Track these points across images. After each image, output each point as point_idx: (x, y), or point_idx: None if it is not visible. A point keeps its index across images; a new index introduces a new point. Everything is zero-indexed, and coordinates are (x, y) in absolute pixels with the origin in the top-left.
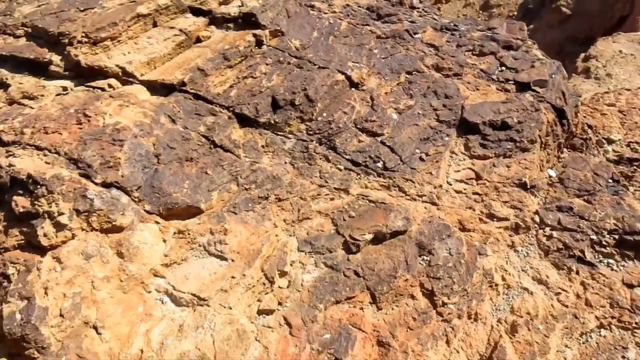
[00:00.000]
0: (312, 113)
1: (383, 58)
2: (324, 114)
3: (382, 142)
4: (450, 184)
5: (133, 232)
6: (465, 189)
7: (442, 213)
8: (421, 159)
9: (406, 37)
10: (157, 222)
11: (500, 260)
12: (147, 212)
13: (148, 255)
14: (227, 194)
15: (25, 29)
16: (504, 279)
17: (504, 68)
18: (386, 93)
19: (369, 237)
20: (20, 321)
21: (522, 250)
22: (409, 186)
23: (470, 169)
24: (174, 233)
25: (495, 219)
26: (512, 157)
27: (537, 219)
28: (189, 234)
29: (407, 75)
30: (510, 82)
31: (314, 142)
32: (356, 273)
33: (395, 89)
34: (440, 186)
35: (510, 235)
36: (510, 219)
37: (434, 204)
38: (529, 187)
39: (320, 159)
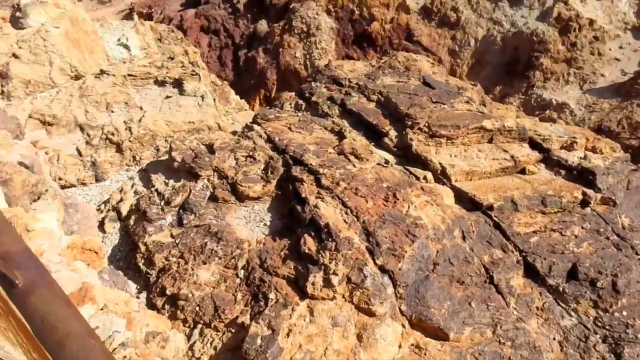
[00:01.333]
0: (611, 304)
1: None
2: (624, 313)
3: None
4: None
5: (380, 324)
6: None
7: None
8: None
9: None
10: (403, 326)
11: None
12: (401, 311)
13: (380, 352)
14: (479, 336)
15: (379, 97)
16: None
17: None
18: None
19: None
20: (259, 347)
21: None
22: None
23: None
24: (412, 344)
25: None
26: None
27: None
28: (424, 354)
29: None
30: None
31: (598, 335)
32: None
33: None
34: None
35: None
36: None
37: None
38: None
39: (597, 358)
